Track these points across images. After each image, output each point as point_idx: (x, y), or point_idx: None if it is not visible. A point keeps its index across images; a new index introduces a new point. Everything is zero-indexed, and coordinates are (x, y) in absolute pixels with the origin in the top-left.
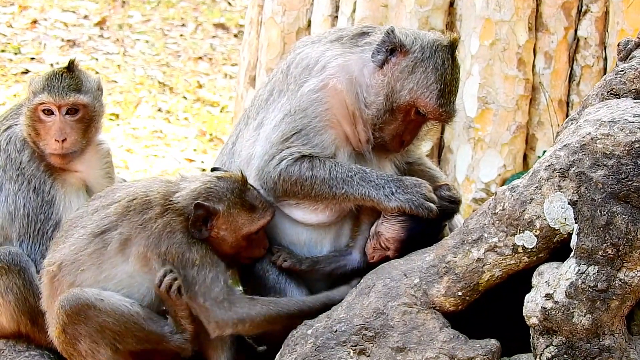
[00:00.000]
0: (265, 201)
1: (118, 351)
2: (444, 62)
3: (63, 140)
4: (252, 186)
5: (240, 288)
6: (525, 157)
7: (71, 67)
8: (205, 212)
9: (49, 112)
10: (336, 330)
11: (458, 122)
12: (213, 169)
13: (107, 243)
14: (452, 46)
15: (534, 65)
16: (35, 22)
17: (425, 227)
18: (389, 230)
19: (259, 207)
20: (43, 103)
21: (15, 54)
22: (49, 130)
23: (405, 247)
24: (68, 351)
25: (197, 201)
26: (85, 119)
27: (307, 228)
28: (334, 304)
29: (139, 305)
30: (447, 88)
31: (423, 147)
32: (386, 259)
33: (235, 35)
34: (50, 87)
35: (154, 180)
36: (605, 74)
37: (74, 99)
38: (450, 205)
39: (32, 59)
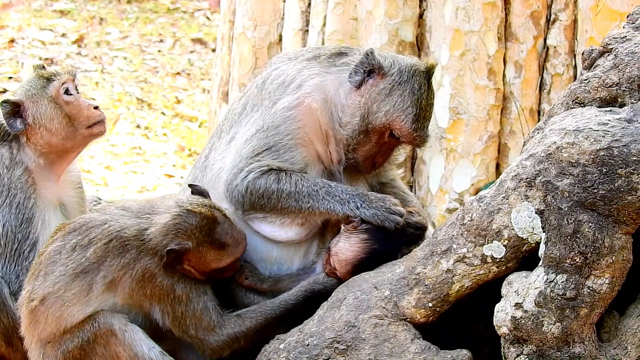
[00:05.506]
0: (236, 236)
1: None
2: (421, 86)
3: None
4: (227, 218)
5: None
6: (498, 166)
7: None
8: (176, 253)
9: (69, 92)
10: (308, 344)
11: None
12: (190, 186)
13: (92, 284)
14: (429, 72)
15: (504, 75)
16: (12, 41)
17: (384, 251)
18: (344, 251)
19: (229, 243)
20: (64, 82)
21: None
22: (81, 106)
23: (357, 270)
24: None
25: (167, 248)
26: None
27: (278, 245)
28: (317, 294)
29: (161, 352)
30: (422, 113)
31: (395, 169)
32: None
33: (213, 50)
34: (54, 74)
35: (125, 211)
36: None
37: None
38: (415, 232)
39: (10, 78)
